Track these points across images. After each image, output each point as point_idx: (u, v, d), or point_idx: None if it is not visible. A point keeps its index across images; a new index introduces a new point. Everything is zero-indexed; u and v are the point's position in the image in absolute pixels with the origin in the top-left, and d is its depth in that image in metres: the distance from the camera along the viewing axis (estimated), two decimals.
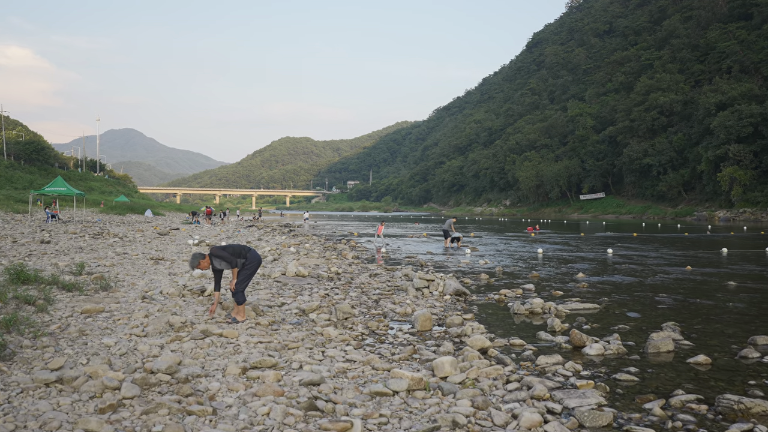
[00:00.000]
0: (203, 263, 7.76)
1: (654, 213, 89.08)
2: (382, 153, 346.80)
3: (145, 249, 18.55)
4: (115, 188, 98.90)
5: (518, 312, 9.07)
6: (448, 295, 10.42)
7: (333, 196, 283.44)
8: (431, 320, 7.88)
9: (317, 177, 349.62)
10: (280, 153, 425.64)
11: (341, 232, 38.32)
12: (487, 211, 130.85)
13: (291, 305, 9.02)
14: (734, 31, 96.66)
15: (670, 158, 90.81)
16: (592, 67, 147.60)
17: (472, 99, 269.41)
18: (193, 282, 10.77)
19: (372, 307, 9.49)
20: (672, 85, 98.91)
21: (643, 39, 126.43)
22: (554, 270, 15.50)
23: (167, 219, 55.25)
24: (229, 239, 26.57)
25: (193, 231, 32.52)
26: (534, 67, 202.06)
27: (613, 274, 14.49)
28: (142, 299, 9.05)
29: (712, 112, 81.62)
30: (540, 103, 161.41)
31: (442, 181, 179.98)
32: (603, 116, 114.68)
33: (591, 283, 12.82)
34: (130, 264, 14.00)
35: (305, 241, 25.62)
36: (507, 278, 13.66)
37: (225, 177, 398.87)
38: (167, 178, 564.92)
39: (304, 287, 11.66)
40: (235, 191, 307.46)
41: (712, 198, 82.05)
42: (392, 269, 15.07)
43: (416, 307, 9.28)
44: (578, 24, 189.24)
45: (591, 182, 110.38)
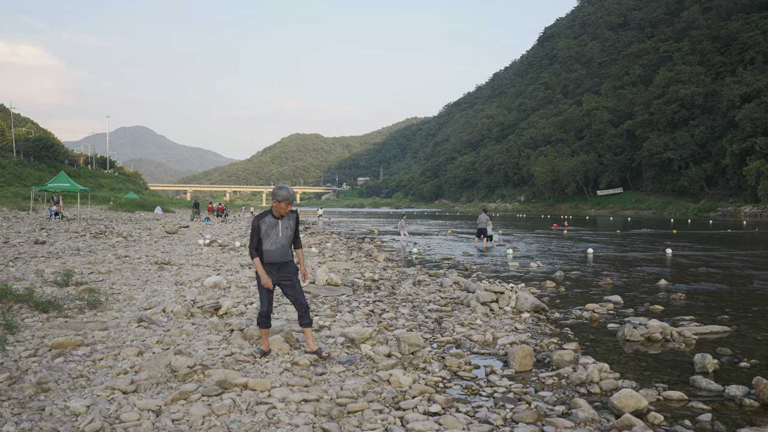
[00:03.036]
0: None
1: (675, 209, 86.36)
2: (392, 149, 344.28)
3: (150, 250, 16.47)
4: (125, 185, 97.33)
5: (631, 338, 6.89)
6: (525, 313, 8.24)
7: (343, 193, 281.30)
8: (532, 356, 5.71)
9: (327, 173, 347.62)
10: (290, 150, 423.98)
11: (360, 230, 36.18)
12: (501, 207, 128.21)
13: (333, 330, 6.87)
14: (757, 21, 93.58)
15: (692, 152, 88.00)
16: (608, 61, 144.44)
17: (483, 94, 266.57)
18: (204, 296, 8.64)
19: (435, 330, 7.33)
20: (693, 78, 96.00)
21: (661, 31, 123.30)
22: (625, 275, 13.29)
23: (177, 216, 53.32)
24: (242, 237, 24.50)
25: (204, 229, 30.48)
26: (546, 61, 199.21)
27: (699, 281, 12.26)
28: (138, 322, 6.93)
29: (737, 105, 78.87)
30: (553, 97, 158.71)
31: (453, 176, 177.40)
32: (620, 110, 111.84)
33: (683, 292, 10.62)
34: (130, 270, 11.90)
35: (326, 240, 23.50)
36: (576, 286, 11.47)
37: (235, 174, 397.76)
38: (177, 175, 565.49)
39: (341, 301, 9.52)
40: (245, 188, 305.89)
41: (737, 193, 79.26)
42: (435, 275, 12.91)
43: (493, 330, 7.12)
44: (591, 18, 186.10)
45: (608, 177, 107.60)
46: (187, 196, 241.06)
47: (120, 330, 6.56)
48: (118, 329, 6.59)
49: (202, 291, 9.61)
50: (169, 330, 6.69)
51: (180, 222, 38.50)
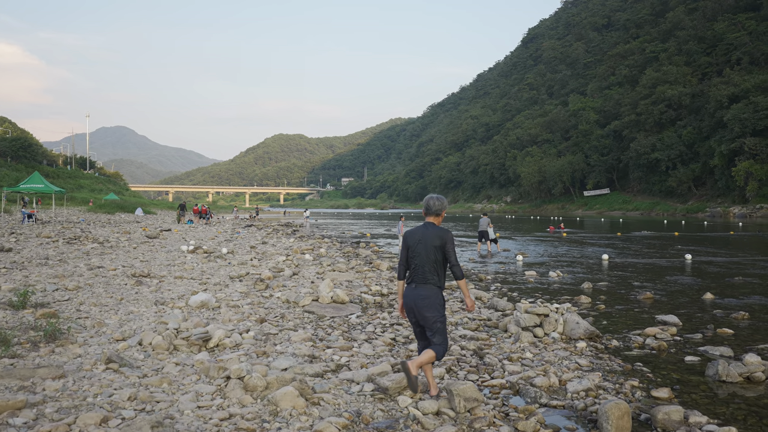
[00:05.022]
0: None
1: (663, 209, 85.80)
2: (376, 149, 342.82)
3: (128, 259, 14.88)
4: (106, 186, 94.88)
5: (728, 379, 5.52)
6: (580, 341, 6.85)
7: (327, 193, 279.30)
8: (629, 415, 4.30)
9: (311, 174, 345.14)
10: (274, 150, 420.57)
11: (350, 233, 34.70)
12: (487, 208, 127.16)
13: (355, 372, 5.42)
14: (743, 21, 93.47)
15: (680, 152, 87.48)
16: (593, 61, 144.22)
17: (467, 95, 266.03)
18: (190, 322, 7.14)
19: (480, 367, 5.90)
20: (679, 78, 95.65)
21: (646, 32, 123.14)
22: (660, 287, 11.96)
23: (158, 218, 51.41)
24: (228, 242, 22.93)
25: (187, 233, 28.81)
26: (531, 62, 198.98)
27: (747, 294, 10.96)
28: (106, 364, 5.42)
29: (725, 105, 78.46)
30: (539, 98, 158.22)
31: (438, 177, 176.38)
32: (607, 110, 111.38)
33: (739, 308, 9.30)
34: (102, 285, 10.34)
35: (318, 245, 22.00)
36: (614, 301, 10.12)
37: (218, 174, 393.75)
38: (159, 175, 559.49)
39: (352, 323, 8.08)
40: (228, 189, 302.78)
41: (725, 194, 78.81)
42: (449, 287, 11.51)
43: (553, 368, 5.72)
44: (575, 18, 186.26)
45: (595, 178, 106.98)
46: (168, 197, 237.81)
47: (81, 377, 5.05)
48: (79, 376, 5.08)
49: (186, 314, 8.11)
50: (145, 376, 5.19)
51: (161, 225, 36.74)
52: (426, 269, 4.76)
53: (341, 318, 8.49)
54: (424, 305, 4.73)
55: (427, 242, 4.77)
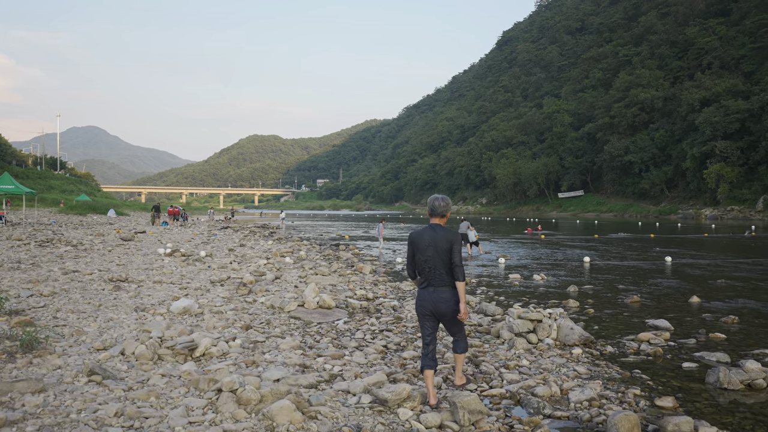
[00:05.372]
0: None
1: (636, 211, 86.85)
2: (351, 151, 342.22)
3: (104, 263, 14.47)
4: (77, 187, 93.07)
5: (729, 386, 5.44)
6: (576, 348, 6.73)
7: (302, 195, 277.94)
8: (638, 427, 4.17)
9: (286, 175, 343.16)
10: (248, 151, 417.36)
11: (328, 235, 34.43)
12: (463, 209, 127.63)
13: (351, 382, 5.22)
14: (714, 26, 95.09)
15: (653, 155, 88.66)
16: (567, 64, 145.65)
17: (443, 97, 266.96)
18: (174, 330, 6.87)
19: (477, 376, 5.75)
20: (652, 82, 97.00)
21: (619, 36, 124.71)
22: (645, 290, 11.95)
23: (132, 219, 50.52)
24: (205, 245, 22.53)
25: (162, 235, 28.28)
26: (505, 64, 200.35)
27: (732, 297, 10.98)
28: (88, 376, 5.15)
29: (696, 108, 79.69)
30: (513, 100, 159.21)
31: (414, 179, 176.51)
32: (581, 113, 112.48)
33: (726, 312, 9.31)
34: (79, 290, 9.98)
35: (297, 248, 21.72)
36: (602, 305, 10.05)
37: (192, 175, 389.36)
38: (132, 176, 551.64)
39: (340, 330, 7.88)
40: (202, 190, 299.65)
41: (696, 196, 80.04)
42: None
43: (552, 377, 5.59)
44: (549, 22, 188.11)
45: (570, 180, 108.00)
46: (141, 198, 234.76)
47: (63, 391, 4.77)
48: (61, 390, 4.80)
49: (168, 320, 7.83)
50: (131, 389, 4.93)
51: (135, 227, 36.07)
52: (442, 272, 4.81)
53: (328, 324, 8.28)
54: (445, 307, 4.81)
55: (438, 245, 4.80)
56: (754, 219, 62.79)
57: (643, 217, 76.70)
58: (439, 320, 4.94)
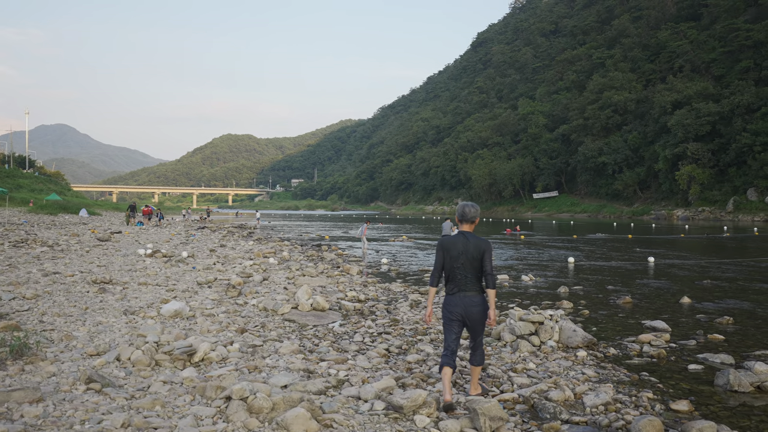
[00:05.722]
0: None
1: (609, 212, 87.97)
2: (326, 151, 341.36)
3: (84, 264, 14.09)
4: (46, 186, 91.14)
5: (740, 389, 5.42)
6: (581, 350, 6.67)
7: (277, 195, 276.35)
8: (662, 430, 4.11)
9: (260, 175, 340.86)
10: (222, 150, 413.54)
11: (307, 235, 34.16)
12: (439, 209, 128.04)
13: (362, 390, 5.06)
14: (685, 30, 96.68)
15: (626, 157, 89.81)
16: (541, 66, 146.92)
17: (418, 97, 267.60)
18: (170, 334, 6.65)
19: (484, 379, 5.65)
20: (625, 84, 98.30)
21: (592, 38, 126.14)
22: (635, 291, 11.98)
23: (105, 219, 49.59)
24: (185, 245, 22.15)
25: (139, 235, 27.76)
26: (480, 66, 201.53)
27: (721, 297, 11.06)
28: (86, 384, 4.92)
29: (668, 111, 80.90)
30: (488, 101, 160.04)
31: (389, 179, 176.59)
32: (555, 114, 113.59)
33: (719, 312, 9.36)
34: (63, 293, 9.66)
35: (279, 248, 21.46)
36: (596, 306, 10.03)
37: (164, 175, 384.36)
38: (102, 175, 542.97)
39: (337, 333, 7.73)
40: (174, 189, 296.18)
41: (668, 197, 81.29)
42: (427, 293, 11.29)
43: (563, 380, 5.51)
44: (523, 24, 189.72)
45: (545, 181, 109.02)
46: (112, 197, 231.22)
47: (62, 400, 4.55)
48: (59, 398, 4.58)
49: (160, 323, 7.59)
50: (133, 397, 4.73)
51: (110, 227, 35.38)
52: (472, 278, 4.95)
53: (324, 327, 8.12)
54: (476, 311, 4.94)
55: (470, 252, 4.95)
56: (725, 220, 63.98)
57: (617, 218, 77.66)
58: (466, 325, 5.02)
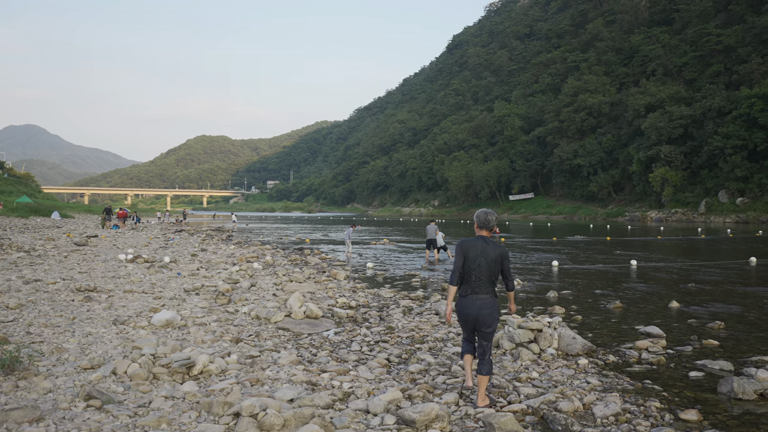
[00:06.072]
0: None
1: (585, 213, 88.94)
2: (302, 152, 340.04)
3: (64, 270, 13.77)
4: (16, 188, 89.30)
5: (744, 397, 5.45)
6: (582, 358, 6.66)
7: (252, 196, 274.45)
8: None
9: (235, 177, 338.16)
10: (196, 152, 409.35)
11: (287, 238, 33.90)
12: (415, 211, 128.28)
13: (371, 403, 4.97)
14: (657, 35, 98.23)
15: (600, 159, 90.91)
16: (517, 69, 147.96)
17: (394, 99, 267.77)
18: (166, 346, 6.49)
19: (489, 389, 5.60)
20: (599, 87, 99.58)
21: (567, 42, 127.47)
22: (623, 295, 12.06)
23: (79, 222, 48.76)
24: (164, 249, 21.84)
25: (116, 239, 27.31)
26: (456, 68, 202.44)
27: (708, 301, 11.18)
28: (86, 401, 4.77)
29: (642, 114, 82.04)
30: (464, 103, 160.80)
31: (366, 181, 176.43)
32: (531, 117, 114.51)
33: (706, 317, 9.45)
34: (47, 301, 9.42)
35: (262, 253, 21.25)
36: (587, 312, 10.06)
37: (137, 176, 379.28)
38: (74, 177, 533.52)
39: (335, 342, 7.63)
40: (148, 191, 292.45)
41: (642, 198, 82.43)
42: (417, 298, 11.24)
43: (569, 390, 5.49)
44: (498, 27, 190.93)
45: (521, 182, 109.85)
46: (84, 199, 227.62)
47: (62, 419, 4.39)
48: (59, 417, 4.42)
49: (152, 334, 7.42)
50: (137, 415, 4.58)
51: (85, 230, 34.78)
52: (485, 281, 5.21)
53: (319, 335, 8.02)
54: (488, 313, 5.22)
55: (488, 256, 5.21)
56: (697, 221, 65.05)
57: (592, 219, 78.55)
58: (477, 326, 5.27)
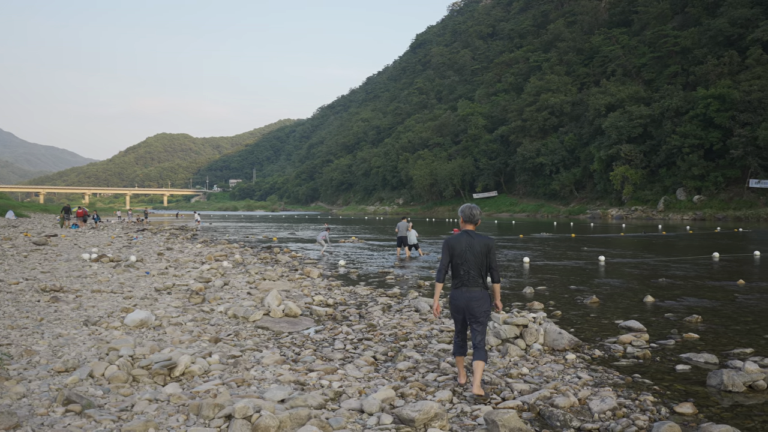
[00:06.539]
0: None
1: (547, 211, 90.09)
2: (265, 151, 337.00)
3: (26, 270, 13.25)
4: None
5: (734, 389, 5.47)
6: (570, 353, 6.62)
7: (214, 195, 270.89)
8: None
9: (197, 175, 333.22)
10: (156, 150, 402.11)
11: (254, 237, 33.44)
12: (380, 210, 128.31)
13: (365, 402, 4.82)
14: (617, 36, 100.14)
15: (562, 157, 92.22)
16: (480, 68, 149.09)
17: (357, 98, 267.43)
18: (145, 347, 6.23)
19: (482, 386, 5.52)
20: (561, 87, 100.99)
21: (529, 42, 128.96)
22: (597, 290, 12.15)
23: (35, 221, 47.34)
24: (128, 248, 21.28)
25: (77, 238, 26.53)
26: (419, 67, 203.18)
27: (681, 295, 11.32)
28: (64, 405, 4.51)
29: (602, 113, 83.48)
30: (428, 102, 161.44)
31: (330, 179, 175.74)
32: (494, 116, 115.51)
33: (680, 310, 9.56)
34: (11, 302, 9.01)
35: (230, 251, 20.87)
36: (566, 307, 10.07)
37: (95, 175, 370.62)
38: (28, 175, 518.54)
39: (317, 341, 7.45)
40: (106, 190, 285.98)
41: (603, 196, 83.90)
42: (394, 295, 11.13)
43: (560, 384, 5.43)
44: (461, 26, 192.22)
45: (484, 181, 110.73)
46: (39, 198, 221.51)
47: (41, 425, 4.13)
48: (38, 423, 4.16)
49: (127, 334, 7.14)
50: (120, 419, 4.34)
51: (43, 229, 33.74)
52: (475, 274, 5.34)
53: (299, 334, 7.83)
54: (477, 305, 5.35)
55: (475, 249, 5.33)
56: (656, 219, 66.51)
57: (555, 217, 79.60)
58: (467, 318, 5.42)
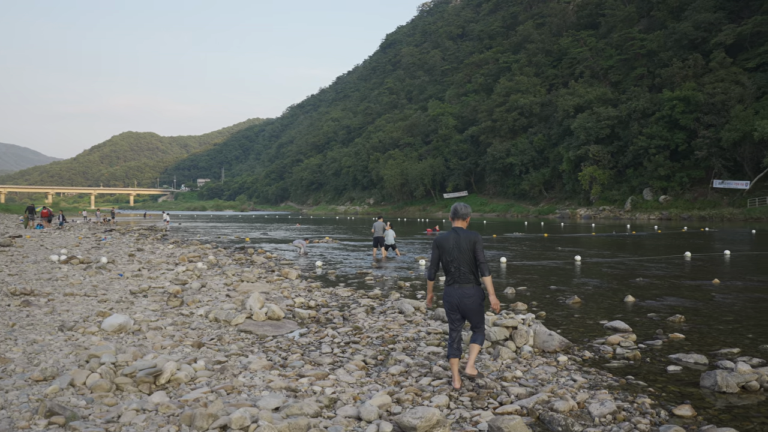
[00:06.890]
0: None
1: (517, 211, 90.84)
2: (233, 150, 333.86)
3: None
4: None
5: (728, 390, 5.46)
6: (562, 355, 6.57)
7: (182, 195, 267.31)
8: None
9: (164, 174, 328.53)
10: (122, 149, 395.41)
11: (226, 237, 32.98)
12: (351, 210, 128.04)
13: (363, 409, 4.67)
14: (585, 38, 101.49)
15: (532, 158, 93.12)
16: (450, 69, 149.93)
17: (327, 97, 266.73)
18: (128, 354, 5.99)
19: (477, 389, 5.41)
20: (530, 88, 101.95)
21: (499, 43, 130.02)
22: (577, 290, 12.17)
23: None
24: (97, 249, 20.76)
25: (43, 239, 25.81)
26: (390, 67, 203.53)
27: (660, 295, 11.41)
28: (47, 417, 4.28)
29: (571, 114, 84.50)
30: (398, 102, 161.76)
31: (300, 179, 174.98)
32: (465, 116, 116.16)
33: (662, 310, 9.61)
34: None
35: (203, 252, 20.50)
36: (549, 308, 10.02)
37: (58, 174, 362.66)
38: None
39: (304, 345, 7.28)
40: (70, 189, 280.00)
41: (572, 196, 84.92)
42: (376, 297, 11.00)
43: (556, 388, 5.36)
44: (431, 27, 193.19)
45: (455, 181, 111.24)
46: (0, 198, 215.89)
47: None
48: None
49: (108, 340, 6.87)
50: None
51: (7, 230, 32.80)
52: (465, 270, 5.41)
53: (284, 337, 7.65)
54: (470, 302, 5.44)
55: (461, 245, 5.39)
56: (624, 218, 67.48)
57: (525, 217, 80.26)
58: (463, 313, 5.49)
